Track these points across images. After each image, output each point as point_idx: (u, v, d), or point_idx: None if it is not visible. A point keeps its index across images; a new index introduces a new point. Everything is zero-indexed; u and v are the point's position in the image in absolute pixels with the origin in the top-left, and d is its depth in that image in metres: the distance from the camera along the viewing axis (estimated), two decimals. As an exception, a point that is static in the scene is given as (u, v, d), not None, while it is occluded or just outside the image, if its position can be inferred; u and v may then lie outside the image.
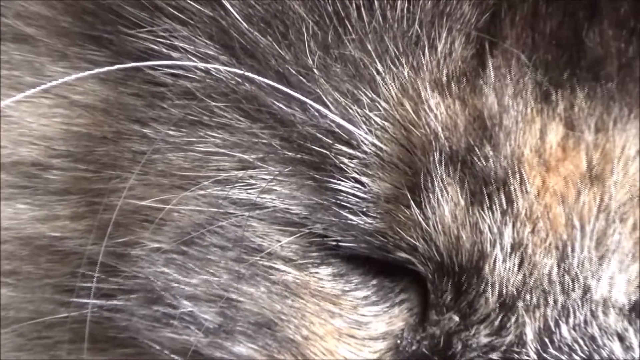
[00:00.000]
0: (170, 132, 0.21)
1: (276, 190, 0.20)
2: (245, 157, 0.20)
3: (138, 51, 0.21)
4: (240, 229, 0.20)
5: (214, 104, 0.21)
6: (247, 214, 0.20)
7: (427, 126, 0.19)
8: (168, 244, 0.21)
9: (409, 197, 0.19)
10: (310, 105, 0.19)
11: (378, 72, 0.19)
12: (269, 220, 0.20)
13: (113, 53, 0.22)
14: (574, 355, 0.18)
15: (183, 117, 0.21)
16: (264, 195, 0.20)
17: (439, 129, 0.19)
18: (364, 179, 0.20)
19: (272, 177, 0.20)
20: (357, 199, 0.20)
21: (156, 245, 0.21)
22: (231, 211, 0.20)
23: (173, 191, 0.21)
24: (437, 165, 0.19)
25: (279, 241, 0.20)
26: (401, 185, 0.20)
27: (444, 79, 0.19)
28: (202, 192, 0.20)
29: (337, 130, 0.20)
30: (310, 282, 0.20)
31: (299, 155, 0.20)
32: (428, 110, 0.19)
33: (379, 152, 0.20)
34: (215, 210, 0.21)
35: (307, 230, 0.20)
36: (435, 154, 0.19)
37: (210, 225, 0.20)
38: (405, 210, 0.19)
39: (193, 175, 0.21)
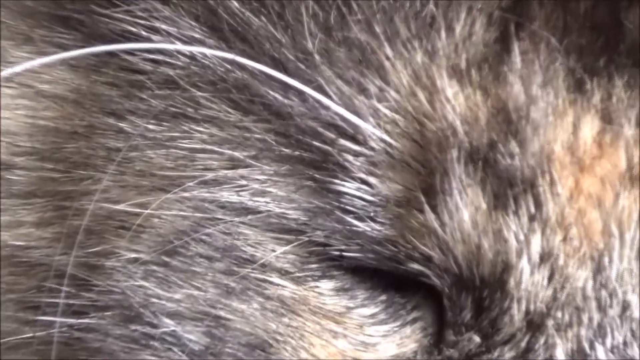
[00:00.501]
0: (150, 126, 0.21)
1: (271, 192, 0.20)
2: (236, 154, 0.20)
3: (113, 34, 0.21)
4: (230, 236, 0.20)
5: (199, 94, 0.20)
6: (237, 219, 0.20)
7: (444, 119, 0.19)
8: (147, 254, 0.21)
9: (423, 200, 0.19)
10: (310, 95, 0.19)
11: (387, 58, 0.19)
12: (262, 227, 0.20)
13: (84, 36, 0.21)
14: (611, 381, 0.17)
15: (165, 109, 0.21)
16: (257, 198, 0.20)
17: (458, 122, 0.19)
18: (371, 179, 0.20)
19: (266, 177, 0.20)
20: (364, 203, 0.20)
21: (134, 255, 0.21)
22: (219, 216, 0.20)
23: (153, 194, 0.21)
24: (455, 164, 0.19)
25: (273, 251, 0.20)
26: (414, 186, 0.19)
27: (463, 65, 0.19)
28: (186, 194, 0.20)
29: (340, 123, 0.19)
30: (309, 297, 0.20)
31: (297, 153, 0.20)
32: (445, 101, 0.19)
33: (388, 148, 0.19)
34: (201, 215, 0.20)
35: (306, 239, 0.20)
36: (453, 151, 0.19)
37: (195, 233, 0.20)
38: (419, 215, 0.19)
39: (176, 176, 0.20)
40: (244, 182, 0.20)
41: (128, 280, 0.21)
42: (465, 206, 0.19)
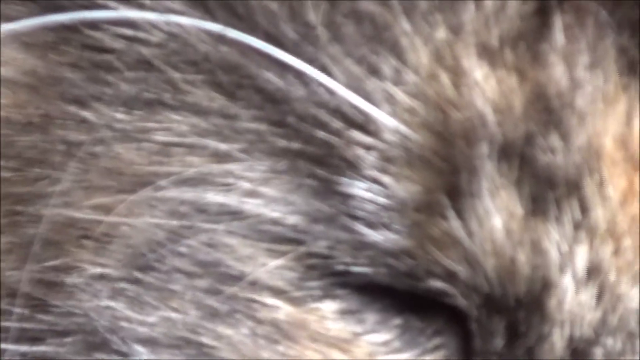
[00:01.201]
0: (119, 116, 0.20)
1: (264, 192, 0.20)
2: (222, 147, 0.20)
3: (75, 4, 0.20)
4: (214, 248, 0.20)
5: (178, 76, 0.20)
6: (223, 226, 0.20)
7: (472, 107, 0.19)
8: (115, 268, 0.20)
9: (447, 203, 0.19)
10: (312, 77, 0.19)
11: (404, 33, 0.19)
12: (253, 236, 0.20)
13: (41, 8, 0.21)
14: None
15: (136, 95, 0.20)
16: (246, 200, 0.20)
17: (488, 110, 0.18)
18: (385, 178, 0.19)
19: (258, 174, 0.20)
20: (376, 206, 0.19)
21: (99, 270, 0.20)
22: (201, 223, 0.20)
23: (122, 196, 0.20)
24: (486, 161, 0.18)
25: (265, 264, 0.20)
26: (436, 187, 0.19)
27: (495, 43, 0.19)
28: (161, 196, 0.20)
29: (348, 110, 0.19)
30: (309, 321, 0.20)
31: (295, 145, 0.20)
32: (473, 86, 0.19)
33: (405, 141, 0.19)
34: (180, 222, 0.20)
35: (306, 250, 0.20)
36: (482, 145, 0.18)
37: (172, 244, 0.20)
38: (442, 222, 0.19)
39: (149, 174, 0.20)
40: (231, 181, 0.20)
41: (92, 300, 0.20)
42: (497, 211, 0.18)
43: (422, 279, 0.19)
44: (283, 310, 0.20)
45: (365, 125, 0.19)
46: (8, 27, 0.20)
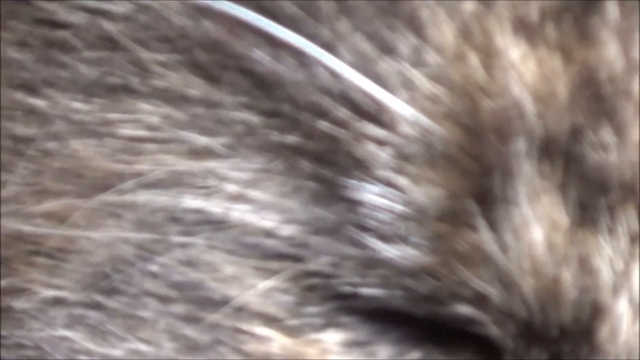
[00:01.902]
0: (76, 105, 0.20)
1: (253, 197, 0.20)
2: (202, 141, 0.20)
3: None
4: (192, 266, 0.20)
5: (149, 56, 0.20)
6: (202, 239, 0.20)
7: (507, 94, 0.18)
8: (73, 291, 0.20)
9: (477, 211, 0.18)
10: (313, 56, 0.19)
11: (425, 4, 0.19)
12: (239, 251, 0.20)
13: None
14: None
15: (97, 80, 0.20)
16: (232, 206, 0.20)
17: (527, 98, 0.18)
18: (401, 180, 0.19)
19: (246, 175, 0.20)
20: (390, 215, 0.19)
21: (53, 293, 0.20)
22: (177, 236, 0.20)
23: (80, 202, 0.20)
24: (524, 160, 0.18)
25: (254, 285, 0.20)
26: (463, 191, 0.18)
27: (534, 16, 0.18)
28: (128, 202, 0.20)
29: (357, 97, 0.19)
30: (308, 355, 0.20)
31: (292, 140, 0.19)
32: (508, 68, 0.18)
33: (426, 135, 0.19)
34: (150, 234, 0.20)
35: (304, 268, 0.20)
36: (519, 140, 0.18)
37: (141, 261, 0.20)
38: (470, 234, 0.18)
39: (113, 175, 0.20)
40: (212, 182, 0.20)
41: (45, 329, 0.20)
42: (538, 221, 0.18)
43: (445, 304, 0.19)
44: (276, 343, 0.20)
45: (377, 115, 0.19)
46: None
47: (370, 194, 0.19)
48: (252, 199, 0.20)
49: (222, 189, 0.20)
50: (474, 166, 0.19)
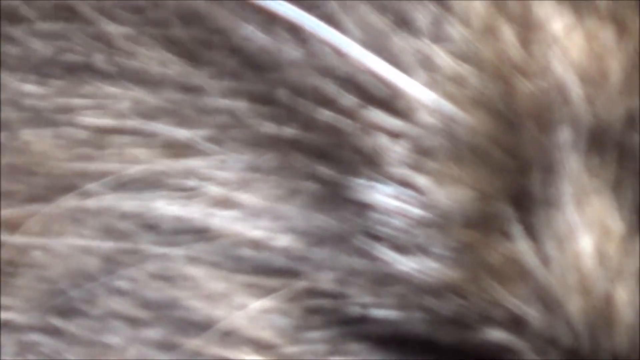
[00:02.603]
0: (28, 88, 0.20)
1: (242, 201, 0.19)
2: (180, 134, 0.19)
3: None
4: (169, 282, 0.19)
5: (116, 29, 0.20)
6: (181, 251, 0.19)
7: (549, 74, 0.18)
8: (24, 313, 0.20)
9: (512, 216, 0.18)
10: (313, 32, 0.18)
11: None
12: (226, 265, 0.19)
13: None
14: None
15: (53, 58, 0.20)
16: (216, 212, 0.19)
17: (573, 79, 0.17)
18: (420, 178, 0.18)
19: (233, 174, 0.19)
20: (407, 221, 0.18)
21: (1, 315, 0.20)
22: (150, 246, 0.19)
23: (33, 206, 0.20)
24: (569, 153, 0.17)
25: (244, 306, 0.19)
26: (496, 192, 0.18)
27: None
28: (91, 206, 0.19)
29: (366, 80, 0.18)
30: None
31: (288, 132, 0.19)
32: (550, 43, 0.18)
33: (451, 125, 0.18)
34: (118, 244, 0.19)
35: (304, 285, 0.19)
36: (564, 130, 0.17)
37: (107, 276, 0.19)
38: (505, 243, 0.18)
39: (73, 174, 0.20)
40: (193, 184, 0.19)
41: None
42: (586, 227, 0.17)
43: (474, 328, 0.18)
44: (271, 374, 0.20)
45: (390, 101, 0.18)
46: None
47: (382, 195, 0.18)
48: (241, 204, 0.19)
49: (205, 191, 0.19)
50: (509, 161, 0.18)
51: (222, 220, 0.19)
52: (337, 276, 0.19)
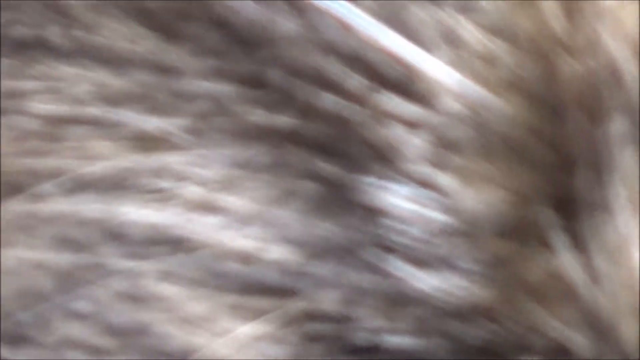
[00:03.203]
0: None
1: (227, 205, 0.18)
2: (152, 124, 0.18)
3: None
4: (139, 303, 0.18)
5: None
6: (153, 265, 0.18)
7: (598, 51, 0.17)
8: None
9: (555, 223, 0.17)
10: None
11: None
12: (208, 282, 0.18)
13: None
14: None
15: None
16: (196, 217, 0.18)
17: (626, 57, 0.17)
18: (443, 177, 0.17)
19: (216, 172, 0.19)
20: (426, 228, 0.17)
21: None
22: (114, 260, 0.18)
23: None
24: (622, 147, 0.17)
25: (230, 331, 0.18)
26: (534, 193, 0.17)
27: None
28: (43, 211, 0.19)
29: (378, 59, 0.18)
30: None
31: (283, 122, 0.18)
32: (599, 14, 0.17)
33: (480, 112, 0.17)
34: (74, 258, 0.18)
35: (303, 307, 0.18)
36: (617, 118, 0.17)
37: (63, 295, 0.18)
38: (546, 256, 0.17)
39: (22, 172, 0.19)
40: (167, 184, 0.18)
41: None
42: None
43: (508, 358, 0.17)
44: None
45: (406, 84, 0.17)
46: None
47: (397, 198, 0.17)
48: (226, 208, 0.18)
49: (182, 193, 0.18)
50: (550, 157, 0.17)
51: (202, 227, 0.18)
52: (342, 296, 0.18)
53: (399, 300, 0.18)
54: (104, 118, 0.19)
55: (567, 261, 0.17)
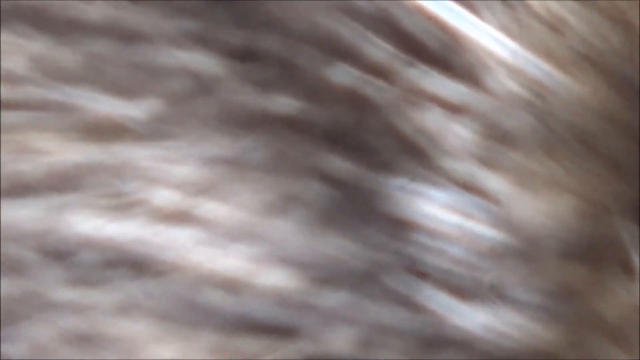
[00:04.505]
0: None
1: (205, 214, 0.16)
2: (109, 107, 0.17)
3: None
4: (89, 344, 0.16)
5: None
6: (110, 292, 0.16)
7: None
8: None
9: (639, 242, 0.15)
10: None
11: None
12: (178, 316, 0.16)
13: None
14: None
15: None
16: (165, 231, 0.16)
17: None
18: (492, 179, 0.15)
19: (193, 170, 0.16)
20: (470, 248, 0.15)
21: None
22: (55, 287, 0.16)
23: None
24: None
25: None
26: (613, 202, 0.15)
27: None
28: None
29: (412, 24, 0.16)
30: None
31: (284, 104, 0.16)
32: None
33: (541, 93, 0.15)
34: (7, 284, 0.17)
35: (306, 349, 0.16)
36: None
37: None
38: (626, 283, 0.15)
39: None
40: (128, 186, 0.16)
41: None
42: None
43: None
44: None
45: (449, 56, 0.16)
46: None
47: (433, 206, 0.15)
48: (204, 218, 0.16)
49: (149, 198, 0.16)
50: (634, 152, 0.15)
51: (175, 244, 0.16)
52: (358, 335, 0.16)
53: (435, 342, 0.16)
54: (45, 100, 0.16)
55: None
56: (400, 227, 0.17)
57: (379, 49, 0.16)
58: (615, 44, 0.15)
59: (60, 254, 0.17)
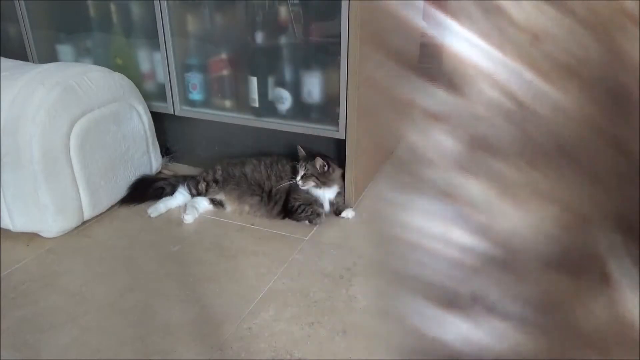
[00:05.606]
0: None
1: None
2: None
3: None
4: None
5: None
6: None
7: None
8: None
9: (623, 254, 0.13)
10: None
11: None
12: None
13: None
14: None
15: None
16: None
17: None
18: (475, 190, 0.15)
19: None
20: (449, 255, 0.15)
21: None
22: None
23: None
24: None
25: None
26: (598, 212, 0.13)
27: None
28: None
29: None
30: None
31: None
32: None
33: (521, 102, 0.14)
34: None
35: None
36: None
37: None
38: (611, 295, 0.13)
39: None
40: None
41: None
42: None
43: None
44: None
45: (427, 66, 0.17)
46: None
47: (413, 215, 0.15)
48: None
49: None
50: (617, 162, 0.14)
51: None
52: None
53: (412, 352, 0.14)
54: None
55: (635, 302, 0.14)
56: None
57: None
58: (596, 53, 0.14)
59: None
